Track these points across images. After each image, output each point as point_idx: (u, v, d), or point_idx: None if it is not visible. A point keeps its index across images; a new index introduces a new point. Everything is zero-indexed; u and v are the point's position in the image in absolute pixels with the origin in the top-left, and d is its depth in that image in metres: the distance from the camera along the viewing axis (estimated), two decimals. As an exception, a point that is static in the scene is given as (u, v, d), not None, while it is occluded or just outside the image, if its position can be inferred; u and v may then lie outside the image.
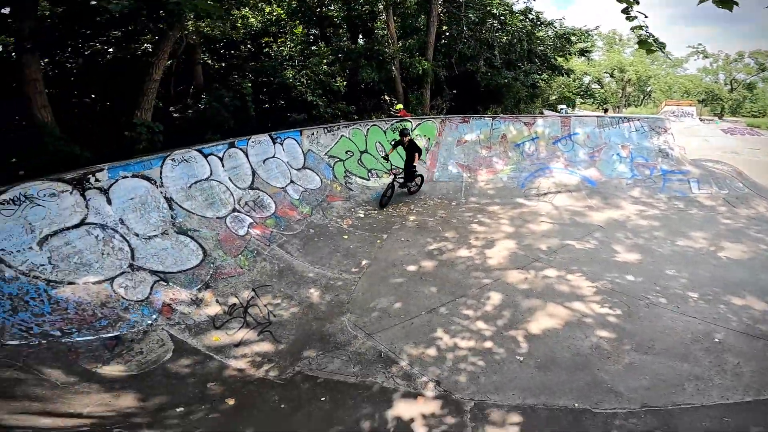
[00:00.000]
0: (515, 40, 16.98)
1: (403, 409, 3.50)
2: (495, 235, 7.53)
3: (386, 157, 9.86)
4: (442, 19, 16.25)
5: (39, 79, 7.11)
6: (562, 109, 31.53)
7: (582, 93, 42.81)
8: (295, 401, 3.62)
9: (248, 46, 14.88)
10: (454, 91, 17.31)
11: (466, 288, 5.55)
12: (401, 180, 9.61)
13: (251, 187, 7.57)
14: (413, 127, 11.42)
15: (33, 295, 4.08)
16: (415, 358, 4.17)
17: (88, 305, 4.30)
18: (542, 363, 4.03)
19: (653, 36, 4.21)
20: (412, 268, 6.21)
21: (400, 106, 13.76)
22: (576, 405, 3.48)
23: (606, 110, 28.09)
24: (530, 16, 18.39)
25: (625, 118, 12.16)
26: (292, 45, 14.55)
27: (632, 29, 4.21)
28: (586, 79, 49.26)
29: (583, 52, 23.47)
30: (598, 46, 46.13)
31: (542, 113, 22.07)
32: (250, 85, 11.01)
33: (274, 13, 15.09)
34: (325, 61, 13.16)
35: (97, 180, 5.18)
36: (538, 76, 19.46)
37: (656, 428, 3.23)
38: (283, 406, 3.55)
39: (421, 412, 3.46)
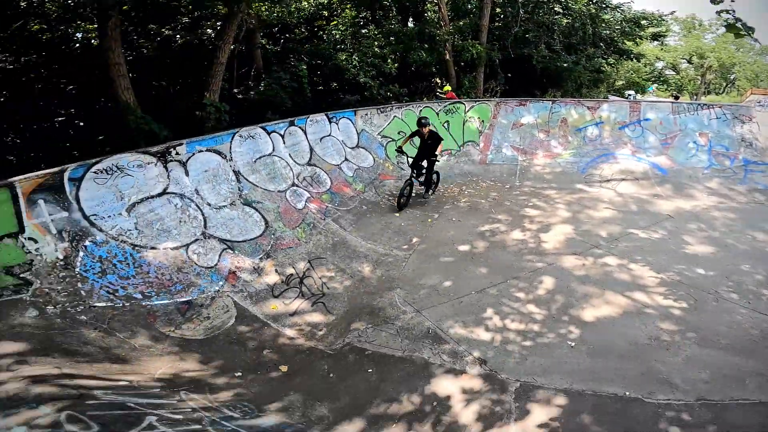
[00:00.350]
0: (577, 24, 15.93)
1: (448, 385, 3.53)
2: (551, 219, 7.26)
3: (400, 150, 8.10)
4: (495, 1, 15.58)
5: (122, 63, 7.77)
6: (629, 95, 29.27)
7: (654, 79, 39.31)
8: (343, 371, 3.72)
9: (302, 29, 15.24)
10: (509, 75, 16.66)
11: (518, 270, 5.44)
12: (418, 177, 8.05)
13: (309, 164, 7.87)
14: (467, 109, 11.19)
15: (120, 258, 4.44)
16: (463, 336, 4.17)
17: (167, 270, 4.62)
18: (594, 350, 3.92)
19: (741, 20, 3.94)
20: (462, 247, 6.17)
21: (448, 87, 13.33)
22: (627, 393, 3.37)
23: (677, 97, 25.69)
24: (594, -1, 17.15)
25: (704, 104, 11.12)
26: (344, 28, 14.68)
27: (718, 12, 3.98)
28: (659, 65, 45.30)
29: (656, 37, 21.55)
30: (674, 31, 42.00)
31: (607, 99, 20.69)
32: (305, 67, 11.34)
33: (326, -3, 15.28)
34: (376, 43, 13.18)
35: (177, 153, 5.63)
36: (603, 60, 18.16)
37: (708, 422, 3.08)
38: (331, 375, 3.67)
39: (466, 388, 3.48)
